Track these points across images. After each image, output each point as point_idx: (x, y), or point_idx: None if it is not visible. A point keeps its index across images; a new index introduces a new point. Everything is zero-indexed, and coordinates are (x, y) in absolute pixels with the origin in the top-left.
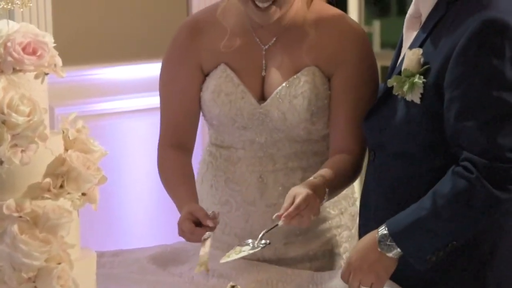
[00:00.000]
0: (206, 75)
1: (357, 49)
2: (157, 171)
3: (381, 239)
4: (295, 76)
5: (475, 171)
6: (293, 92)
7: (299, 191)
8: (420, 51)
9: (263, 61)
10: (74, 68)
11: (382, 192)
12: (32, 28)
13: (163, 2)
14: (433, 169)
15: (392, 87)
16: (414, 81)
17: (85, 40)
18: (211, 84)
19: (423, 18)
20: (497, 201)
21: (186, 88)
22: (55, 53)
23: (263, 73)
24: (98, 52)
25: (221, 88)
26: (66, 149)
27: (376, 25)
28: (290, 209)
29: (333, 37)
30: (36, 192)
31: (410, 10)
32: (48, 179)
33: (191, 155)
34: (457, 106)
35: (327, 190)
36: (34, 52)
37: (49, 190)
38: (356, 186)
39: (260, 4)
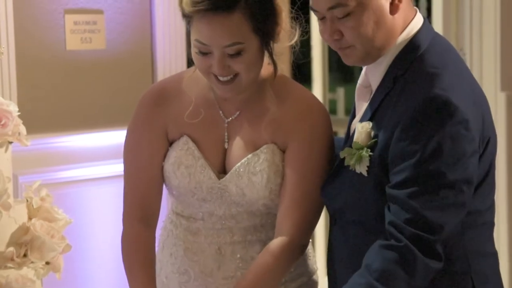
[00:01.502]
0: (170, 142)
1: (314, 128)
2: (119, 239)
3: None
4: (254, 153)
5: (403, 239)
6: (252, 170)
7: None
8: (370, 124)
9: (225, 134)
10: (38, 136)
11: (344, 255)
12: None
13: (127, 71)
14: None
15: (344, 158)
16: (362, 154)
17: (50, 108)
18: (171, 155)
19: (373, 89)
20: (428, 268)
21: (151, 155)
22: (19, 121)
23: (226, 146)
24: (62, 120)
25: (181, 160)
26: (30, 218)
27: (340, 92)
28: None
29: (291, 114)
30: None
31: (360, 80)
32: (11, 248)
33: (155, 228)
34: (397, 178)
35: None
36: None
37: (12, 259)
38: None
39: (221, 78)
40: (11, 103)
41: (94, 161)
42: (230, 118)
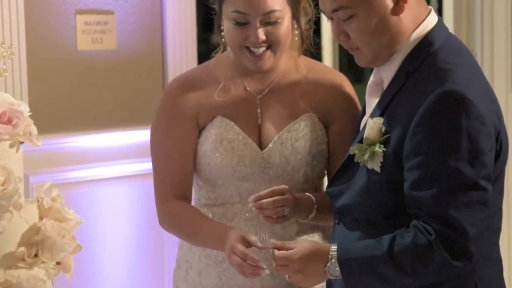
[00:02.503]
0: (201, 129)
1: (347, 99)
2: (130, 238)
3: (330, 266)
4: (295, 121)
5: (434, 234)
6: (294, 135)
7: (286, 190)
8: (381, 120)
9: (258, 110)
10: (49, 136)
11: None
12: (7, 97)
13: (138, 71)
14: None
15: (354, 155)
16: (375, 150)
17: (60, 108)
18: (211, 133)
19: (385, 85)
20: (450, 268)
21: (185, 138)
22: (30, 122)
23: (259, 122)
24: (73, 120)
25: (223, 136)
26: (40, 218)
27: None
28: (264, 192)
29: (324, 87)
30: (10, 261)
31: (372, 77)
32: (22, 248)
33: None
34: (414, 176)
35: (315, 205)
36: (9, 121)
37: (23, 260)
38: None
39: (255, 50)
40: (22, 103)
41: (104, 161)
42: (261, 95)
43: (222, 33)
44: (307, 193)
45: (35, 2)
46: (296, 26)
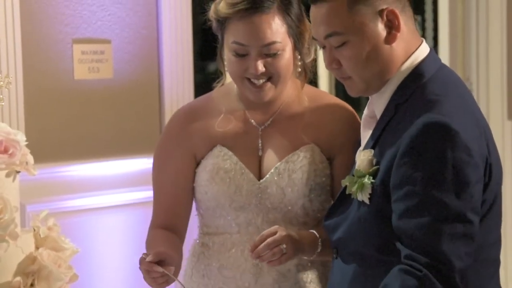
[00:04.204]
0: (200, 159)
1: (353, 130)
2: (128, 268)
3: None
4: (294, 152)
5: (422, 268)
6: (291, 167)
7: (276, 229)
8: (371, 152)
9: (259, 142)
10: (46, 165)
11: None
12: (4, 126)
13: (134, 100)
14: (389, 271)
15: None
16: (364, 181)
17: (57, 137)
18: (208, 163)
19: (378, 117)
20: None
21: (179, 172)
22: (27, 151)
23: (260, 153)
24: (70, 149)
25: (220, 165)
26: (37, 247)
27: None
28: (256, 240)
29: (329, 118)
30: None
31: (366, 110)
32: (18, 278)
33: (182, 240)
34: (401, 207)
35: (319, 240)
36: (5, 151)
37: None
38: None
39: (255, 81)
40: (18, 133)
41: (101, 190)
42: (263, 126)
43: (225, 63)
44: (311, 230)
45: (32, 31)
46: (299, 57)
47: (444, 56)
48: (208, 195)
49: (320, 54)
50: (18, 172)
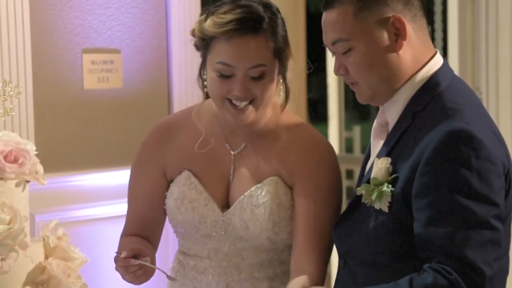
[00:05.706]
0: (170, 181)
1: (321, 163)
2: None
3: None
4: (257, 186)
5: (453, 272)
6: (254, 202)
7: None
8: (389, 160)
9: (231, 167)
10: (55, 175)
11: None
12: (14, 136)
13: (144, 109)
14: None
15: (361, 195)
16: (383, 189)
17: (67, 147)
18: (174, 191)
19: (390, 127)
20: None
21: (151, 189)
22: (37, 160)
23: (230, 179)
24: (79, 159)
25: (185, 195)
26: (46, 257)
27: (357, 130)
28: None
29: (301, 144)
30: None
31: (377, 119)
32: None
33: (155, 249)
34: (425, 215)
35: None
36: (15, 160)
37: None
38: None
39: (237, 103)
40: (28, 142)
41: (111, 199)
42: (237, 151)
43: (205, 82)
44: None
45: (42, 41)
46: (281, 81)
47: (453, 66)
48: (175, 220)
49: (329, 61)
50: (28, 181)
